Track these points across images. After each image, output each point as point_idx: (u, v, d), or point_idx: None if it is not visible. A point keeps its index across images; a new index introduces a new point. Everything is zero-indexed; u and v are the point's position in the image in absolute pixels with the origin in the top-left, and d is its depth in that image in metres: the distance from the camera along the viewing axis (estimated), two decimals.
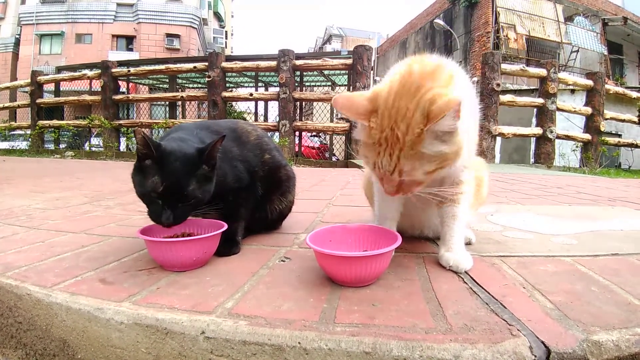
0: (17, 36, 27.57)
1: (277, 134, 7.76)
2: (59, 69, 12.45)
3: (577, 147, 8.61)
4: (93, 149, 10.06)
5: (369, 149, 0.93)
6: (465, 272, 1.15)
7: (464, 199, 1.18)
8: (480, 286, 1.04)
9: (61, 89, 11.27)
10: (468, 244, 1.44)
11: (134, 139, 9.16)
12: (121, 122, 9.17)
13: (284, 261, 1.27)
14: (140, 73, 9.41)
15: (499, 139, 8.28)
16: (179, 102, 10.86)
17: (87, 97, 9.88)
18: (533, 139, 8.58)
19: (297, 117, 8.88)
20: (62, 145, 10.73)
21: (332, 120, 10.10)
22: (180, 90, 11.95)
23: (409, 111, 0.85)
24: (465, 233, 1.45)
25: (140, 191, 1.18)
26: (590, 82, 8.46)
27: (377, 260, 1.01)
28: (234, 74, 10.88)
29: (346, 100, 0.92)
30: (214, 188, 1.24)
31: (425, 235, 1.50)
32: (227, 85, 9.07)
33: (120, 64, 9.86)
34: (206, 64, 8.19)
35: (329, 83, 12.28)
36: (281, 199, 1.60)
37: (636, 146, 9.42)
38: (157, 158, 1.13)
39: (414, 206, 1.25)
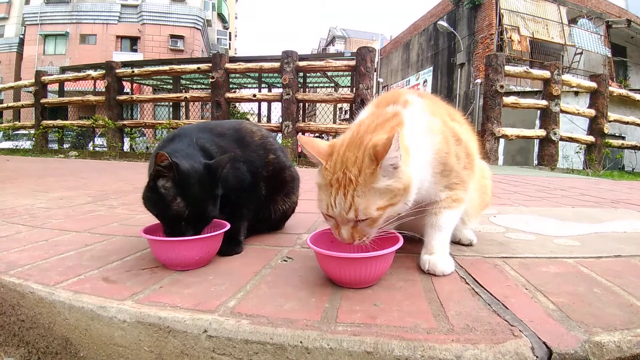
0: (22, 36, 27.62)
1: (280, 135, 7.77)
2: (63, 69, 12.52)
3: (580, 149, 8.57)
4: (97, 149, 10.06)
5: (322, 190, 1.03)
6: (468, 273, 1.15)
7: (454, 211, 1.20)
8: (482, 287, 1.04)
9: (65, 89, 11.32)
10: (470, 245, 1.45)
11: (137, 139, 9.24)
12: (125, 122, 9.19)
13: (286, 261, 1.27)
14: (144, 74, 9.43)
15: (502, 140, 8.27)
16: (183, 103, 10.88)
17: (91, 98, 9.93)
18: (536, 141, 8.57)
19: (300, 118, 8.89)
20: (65, 145, 10.75)
21: (335, 122, 10.11)
22: (184, 91, 12.01)
23: (358, 158, 0.97)
24: (467, 235, 1.46)
25: (160, 211, 1.19)
26: (594, 84, 8.44)
27: (378, 261, 1.01)
28: (237, 75, 10.93)
29: (309, 140, 1.06)
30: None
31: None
32: (231, 86, 9.10)
33: (125, 64, 9.90)
34: (210, 65, 8.20)
35: (332, 84, 12.29)
36: (285, 199, 1.60)
37: None
38: (180, 181, 1.15)
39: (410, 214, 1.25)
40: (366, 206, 0.96)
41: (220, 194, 1.26)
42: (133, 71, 9.36)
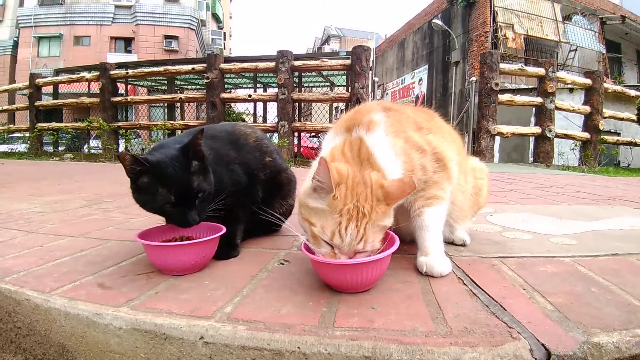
0: (16, 39, 27.48)
1: (276, 134, 7.75)
2: (58, 72, 12.45)
3: (576, 145, 8.60)
4: (92, 151, 10.01)
5: (325, 217, 0.99)
6: (465, 274, 1.15)
7: (435, 208, 1.20)
8: (480, 288, 1.04)
9: (59, 91, 11.27)
10: (463, 245, 1.44)
11: (132, 141, 9.20)
12: (120, 124, 9.16)
13: (283, 264, 1.27)
14: (138, 75, 9.40)
15: (497, 138, 8.28)
16: (178, 104, 10.84)
17: (86, 100, 9.87)
18: (532, 138, 8.59)
19: (296, 118, 8.87)
20: (60, 148, 10.71)
21: (330, 121, 10.08)
22: (178, 91, 11.97)
23: (368, 197, 1.00)
24: (460, 236, 1.45)
25: (153, 208, 1.18)
26: (588, 81, 8.46)
27: (374, 266, 0.99)
28: (232, 75, 10.88)
29: (327, 165, 0.99)
30: (213, 190, 1.24)
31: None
32: (226, 86, 9.05)
33: (119, 65, 9.87)
34: (204, 65, 8.17)
35: (328, 84, 12.27)
36: (282, 202, 1.59)
37: (635, 144, 9.42)
38: (152, 171, 1.13)
39: (402, 218, 1.25)
40: (374, 239, 0.99)
41: (207, 167, 1.23)
42: (127, 72, 9.32)
